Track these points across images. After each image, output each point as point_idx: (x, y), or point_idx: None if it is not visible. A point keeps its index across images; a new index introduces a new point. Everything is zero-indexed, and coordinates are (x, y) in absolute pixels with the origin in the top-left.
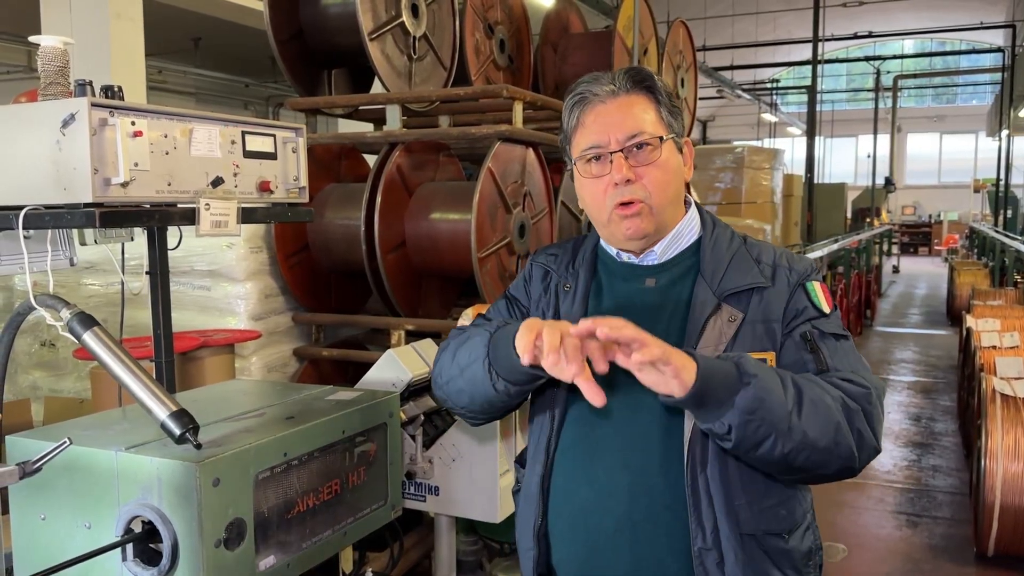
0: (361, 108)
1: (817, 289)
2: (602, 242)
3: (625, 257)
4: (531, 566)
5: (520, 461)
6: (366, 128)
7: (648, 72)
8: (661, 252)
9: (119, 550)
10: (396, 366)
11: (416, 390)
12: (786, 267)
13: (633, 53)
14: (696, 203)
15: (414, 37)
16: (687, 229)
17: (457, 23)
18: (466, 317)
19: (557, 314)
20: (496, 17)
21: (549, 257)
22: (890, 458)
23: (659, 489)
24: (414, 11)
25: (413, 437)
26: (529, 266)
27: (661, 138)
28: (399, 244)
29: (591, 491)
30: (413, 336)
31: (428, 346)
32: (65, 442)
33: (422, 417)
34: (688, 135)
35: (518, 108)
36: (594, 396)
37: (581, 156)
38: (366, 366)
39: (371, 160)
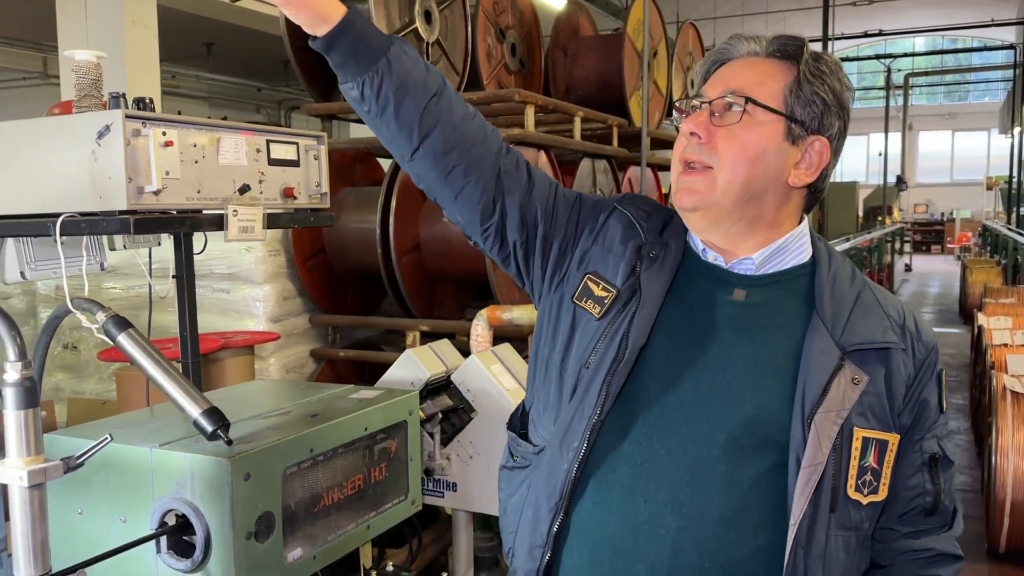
0: None
1: (944, 381)
2: (689, 232)
3: (711, 256)
4: None
5: (515, 428)
6: None
7: (801, 43)
8: (760, 262)
9: (153, 543)
10: (414, 365)
11: (434, 389)
12: (914, 332)
13: (643, 55)
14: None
15: (427, 43)
16: (796, 244)
17: (469, 28)
18: (481, 319)
19: (633, 272)
20: (507, 22)
21: (640, 212)
22: None
23: (714, 545)
24: (427, 17)
25: (431, 435)
26: (612, 206)
27: (755, 101)
28: (414, 247)
29: (625, 527)
30: (428, 337)
31: (445, 346)
32: (107, 438)
33: (440, 415)
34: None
35: (530, 112)
36: None
37: (681, 99)
38: (382, 366)
39: (385, 164)
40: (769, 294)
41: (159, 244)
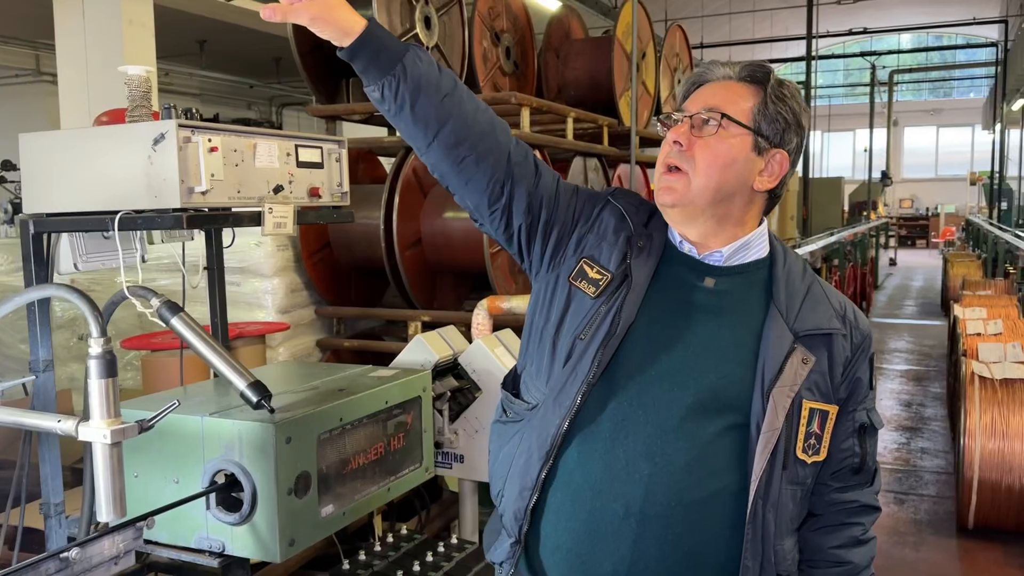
0: (377, 114)
1: (874, 363)
2: (669, 226)
3: (687, 248)
4: (515, 526)
5: (508, 388)
6: (382, 133)
7: (768, 71)
8: (728, 255)
9: (203, 500)
10: (424, 349)
11: (442, 370)
12: (852, 321)
13: (632, 57)
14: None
15: (427, 47)
16: (758, 242)
17: (466, 33)
18: (481, 308)
19: (625, 260)
20: (502, 26)
21: (630, 206)
22: (880, 442)
23: (680, 487)
24: (427, 23)
25: (440, 412)
26: (606, 199)
27: (730, 117)
28: (415, 242)
29: (605, 472)
30: (429, 327)
31: (452, 332)
32: (174, 403)
33: (448, 394)
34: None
35: (525, 113)
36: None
37: (666, 115)
38: (384, 355)
39: (386, 163)
40: (734, 283)
41: (192, 239)
